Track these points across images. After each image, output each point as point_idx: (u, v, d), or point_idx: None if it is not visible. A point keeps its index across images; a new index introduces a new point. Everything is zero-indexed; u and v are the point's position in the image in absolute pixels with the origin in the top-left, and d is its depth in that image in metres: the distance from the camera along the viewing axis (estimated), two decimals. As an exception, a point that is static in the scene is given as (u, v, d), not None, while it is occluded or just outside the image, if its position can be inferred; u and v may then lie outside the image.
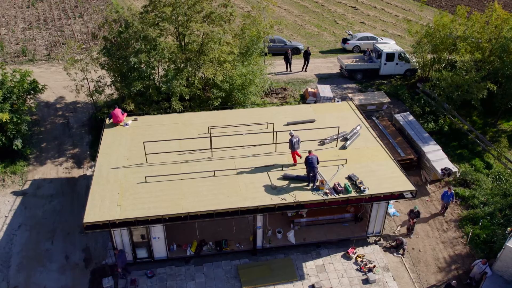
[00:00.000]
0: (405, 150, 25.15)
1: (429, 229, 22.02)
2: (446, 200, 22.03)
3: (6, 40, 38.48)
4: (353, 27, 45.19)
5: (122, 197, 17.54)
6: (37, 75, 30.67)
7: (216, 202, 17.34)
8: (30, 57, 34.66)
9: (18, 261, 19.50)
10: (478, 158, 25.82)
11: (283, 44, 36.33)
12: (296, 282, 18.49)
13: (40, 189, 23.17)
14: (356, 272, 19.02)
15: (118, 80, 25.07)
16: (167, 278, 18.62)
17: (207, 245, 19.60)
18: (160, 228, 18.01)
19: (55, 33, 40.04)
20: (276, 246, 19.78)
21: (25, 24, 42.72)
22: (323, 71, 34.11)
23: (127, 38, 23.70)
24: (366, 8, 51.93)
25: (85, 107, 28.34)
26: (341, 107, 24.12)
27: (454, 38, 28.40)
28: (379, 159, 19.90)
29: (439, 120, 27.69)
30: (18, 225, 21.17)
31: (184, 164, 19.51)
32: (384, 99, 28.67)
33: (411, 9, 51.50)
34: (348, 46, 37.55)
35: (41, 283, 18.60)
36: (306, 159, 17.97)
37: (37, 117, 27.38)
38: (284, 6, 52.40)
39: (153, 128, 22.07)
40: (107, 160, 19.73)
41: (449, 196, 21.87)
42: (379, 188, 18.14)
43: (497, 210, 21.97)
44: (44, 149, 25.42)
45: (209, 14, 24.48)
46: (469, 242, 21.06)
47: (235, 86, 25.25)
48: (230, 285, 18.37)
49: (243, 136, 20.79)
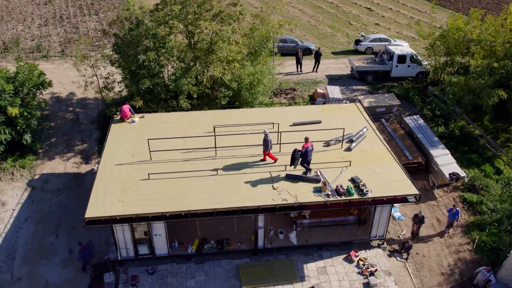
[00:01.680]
0: (413, 153, 24.83)
1: (434, 234, 21.70)
2: (451, 219, 20.90)
3: (22, 36, 39.15)
4: (367, 29, 44.81)
5: (124, 193, 17.68)
6: (50, 71, 31.25)
7: (217, 201, 17.35)
8: (44, 53, 35.20)
9: (23, 253, 19.83)
10: (488, 163, 25.34)
11: (294, 45, 36.20)
12: (296, 283, 18.41)
13: (48, 183, 23.50)
14: (358, 275, 18.85)
15: (128, 77, 25.29)
16: (167, 275, 18.71)
17: (209, 243, 19.64)
18: (162, 225, 18.10)
19: (70, 30, 40.58)
20: (277, 246, 19.71)
21: (41, 21, 43.39)
22: (334, 72, 33.88)
23: (137, 35, 23.88)
24: (381, 10, 51.44)
25: (96, 103, 28.65)
26: (349, 109, 23.91)
27: (468, 41, 27.92)
28: (384, 162, 19.68)
29: (450, 124, 27.27)
30: (24, 218, 21.52)
31: (188, 162, 19.58)
32: (394, 102, 28.35)
33: (427, 11, 50.84)
34: (361, 47, 37.24)
35: (44, 276, 18.87)
36: (306, 149, 18.06)
37: (48, 112, 27.78)
38: (299, 7, 52.22)
39: (159, 126, 22.19)
40: (112, 156, 19.91)
41: (454, 214, 20.66)
42: (382, 191, 17.93)
43: (505, 217, 21.54)
44: (53, 144, 25.78)
45: (218, 13, 24.52)
46: (475, 248, 20.69)
47: (243, 85, 25.24)
48: (230, 284, 18.38)
49: (248, 136, 20.76)
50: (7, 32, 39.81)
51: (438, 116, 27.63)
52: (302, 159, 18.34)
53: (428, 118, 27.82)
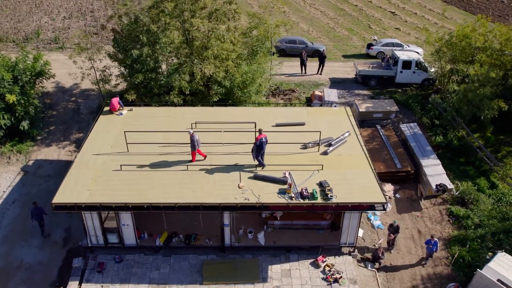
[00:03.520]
0: (403, 162, 24.21)
1: (412, 246, 21.10)
2: (429, 250, 19.58)
3: (45, 28, 40.84)
4: (387, 33, 43.86)
5: (94, 182, 18.20)
6: (61, 62, 32.52)
7: (180, 196, 17.57)
8: (60, 45, 36.58)
9: (4, 233, 20.80)
10: (483, 177, 24.30)
11: (304, 46, 35.93)
12: (257, 283, 18.38)
13: (40, 169, 24.49)
14: (321, 281, 18.58)
15: (125, 71, 25.95)
16: (133, 265, 19.12)
17: (177, 237, 19.90)
18: (128, 216, 18.52)
19: (90, 23, 41.97)
20: (245, 245, 19.72)
21: (66, 14, 45.11)
22: (339, 75, 33.39)
23: (133, 30, 24.47)
24: (405, 14, 50.17)
25: (97, 95, 29.52)
26: (337, 112, 23.56)
27: (474, 48, 26.85)
28: (358, 168, 19.28)
29: (449, 134, 26.34)
30: (12, 200, 22.54)
31: (163, 156, 19.89)
32: (392, 108, 27.64)
33: (453, 17, 49.14)
34: (372, 51, 36.50)
35: (19, 257, 19.73)
36: (260, 141, 18.16)
37: (51, 101, 28.90)
38: (321, 8, 51.78)
39: (145, 119, 22.64)
40: (92, 146, 20.52)
41: (433, 246, 19.37)
42: (348, 197, 17.59)
43: (490, 234, 20.64)
44: (51, 132, 26.82)
45: (213, 11, 24.74)
46: (453, 263, 19.96)
47: (235, 83, 25.35)
48: (192, 278, 18.57)
49: (227, 134, 20.88)
50: (32, 24, 41.66)
51: (437, 125, 26.75)
52: (257, 151, 18.41)
53: (427, 126, 27.00)
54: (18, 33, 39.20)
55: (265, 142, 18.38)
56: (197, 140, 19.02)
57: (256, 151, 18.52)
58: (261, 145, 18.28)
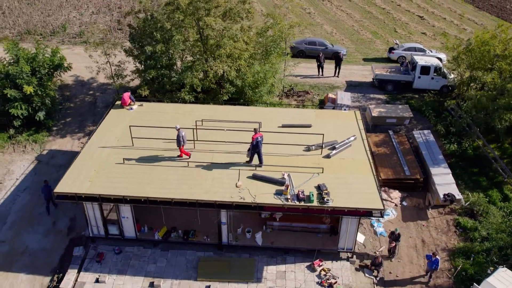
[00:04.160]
0: (413, 169, 23.67)
1: (415, 255, 20.59)
2: (430, 267, 18.75)
3: (73, 22, 42.05)
4: (412, 37, 42.95)
5: (96, 174, 18.63)
6: (82, 56, 33.29)
7: (177, 191, 17.77)
8: (84, 39, 37.58)
9: (13, 219, 21.53)
10: (496, 188, 23.47)
11: (324, 48, 35.60)
12: (251, 283, 18.38)
13: (53, 159, 25.25)
14: (316, 285, 18.40)
15: (140, 67, 26.45)
16: (132, 257, 19.45)
17: (176, 232, 20.11)
18: (128, 208, 18.85)
19: (116, 19, 42.87)
20: (242, 245, 19.74)
21: (95, 9, 46.29)
22: (356, 78, 32.94)
23: (147, 27, 24.90)
24: (433, 19, 48.97)
25: (114, 89, 30.15)
26: (346, 116, 23.27)
27: (493, 56, 25.97)
28: (359, 173, 18.98)
29: (464, 142, 25.59)
30: (24, 188, 23.31)
31: (166, 152, 20.15)
32: (406, 114, 27.05)
33: (483, 23, 47.62)
34: (393, 55, 35.80)
35: (25, 242, 20.38)
36: (255, 140, 18.21)
37: (70, 94, 29.72)
38: (347, 10, 51.22)
39: (153, 115, 23.00)
40: (99, 139, 21.02)
41: (433, 263, 18.51)
42: (345, 202, 17.36)
43: (497, 248, 19.94)
44: (67, 123, 27.60)
45: (228, 10, 24.87)
46: (455, 276, 19.38)
47: (246, 83, 25.42)
48: (187, 274, 18.74)
49: (231, 132, 20.96)
50: (61, 18, 42.96)
51: (452, 133, 26.02)
52: (253, 150, 18.45)
53: (441, 134, 26.31)
54: (46, 26, 40.49)
55: (260, 141, 18.38)
56: (183, 136, 19.15)
57: (252, 150, 18.52)
58: (257, 144, 18.28)
